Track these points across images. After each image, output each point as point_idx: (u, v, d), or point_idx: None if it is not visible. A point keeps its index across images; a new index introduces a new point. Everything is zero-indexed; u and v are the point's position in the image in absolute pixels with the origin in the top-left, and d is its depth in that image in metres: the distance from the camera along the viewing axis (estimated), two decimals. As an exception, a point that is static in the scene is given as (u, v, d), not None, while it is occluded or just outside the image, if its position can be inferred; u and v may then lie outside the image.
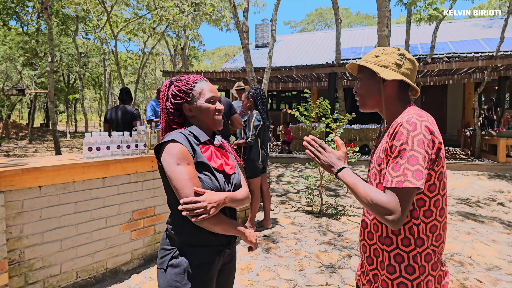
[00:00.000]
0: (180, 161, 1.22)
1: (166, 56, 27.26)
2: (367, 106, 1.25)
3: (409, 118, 1.07)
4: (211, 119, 1.35)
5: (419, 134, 1.04)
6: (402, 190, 1.01)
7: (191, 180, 1.20)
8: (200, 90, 1.35)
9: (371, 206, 1.04)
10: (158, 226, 3.29)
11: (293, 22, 57.40)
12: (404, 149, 1.03)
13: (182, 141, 1.25)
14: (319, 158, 1.21)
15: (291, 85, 13.22)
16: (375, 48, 1.26)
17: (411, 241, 1.10)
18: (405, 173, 1.01)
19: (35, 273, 2.43)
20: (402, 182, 1.01)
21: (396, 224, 1.02)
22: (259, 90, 4.10)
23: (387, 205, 1.02)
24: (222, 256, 1.33)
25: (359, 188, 1.09)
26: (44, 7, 8.04)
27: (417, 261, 1.10)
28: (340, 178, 1.16)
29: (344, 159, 1.22)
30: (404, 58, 1.19)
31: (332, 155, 1.21)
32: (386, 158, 1.11)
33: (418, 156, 1.02)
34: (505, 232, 4.27)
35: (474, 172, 7.70)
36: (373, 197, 1.04)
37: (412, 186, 1.00)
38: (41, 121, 33.19)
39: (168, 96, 1.36)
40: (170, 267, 1.26)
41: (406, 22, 10.06)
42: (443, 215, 1.13)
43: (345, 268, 3.16)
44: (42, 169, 2.42)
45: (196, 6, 11.45)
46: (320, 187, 4.91)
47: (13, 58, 18.74)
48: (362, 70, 1.25)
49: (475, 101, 8.58)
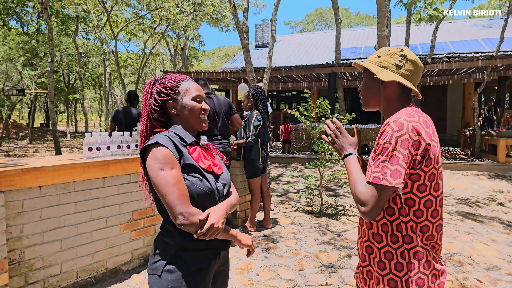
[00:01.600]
0: (163, 165, 1.17)
1: (166, 56, 27.27)
2: (369, 105, 1.29)
3: (397, 118, 1.09)
4: (196, 118, 1.31)
5: (404, 135, 1.06)
6: (378, 186, 1.06)
7: (174, 185, 1.16)
8: (186, 88, 1.32)
9: (353, 195, 1.12)
10: (158, 226, 3.29)
11: (293, 22, 57.37)
12: (386, 147, 1.07)
13: (166, 144, 1.20)
14: (334, 142, 1.27)
15: (291, 85, 13.22)
16: (381, 48, 1.27)
17: (399, 238, 1.12)
18: (384, 171, 1.05)
19: (35, 273, 2.43)
20: (379, 179, 1.05)
21: (367, 216, 1.08)
22: (260, 90, 4.11)
23: (361, 196, 1.08)
24: (217, 259, 1.32)
25: (351, 176, 1.16)
26: (44, 7, 8.04)
27: (405, 258, 1.11)
28: (345, 163, 1.22)
29: (356, 146, 1.26)
30: (405, 59, 1.19)
31: (345, 140, 1.26)
32: (374, 155, 1.15)
33: (399, 156, 1.05)
34: (505, 232, 4.27)
35: (474, 172, 7.70)
36: (355, 187, 1.12)
37: (388, 185, 1.04)
38: (41, 121, 33.19)
39: (152, 93, 1.31)
40: (166, 273, 1.21)
41: (406, 22, 10.06)
42: (436, 216, 1.13)
43: (345, 268, 3.16)
44: (42, 169, 2.43)
45: (197, 6, 11.45)
46: (320, 187, 4.92)
47: (13, 58, 18.74)
48: (366, 70, 1.28)
49: (475, 101, 8.58)
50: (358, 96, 15.08)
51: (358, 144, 1.29)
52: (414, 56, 1.21)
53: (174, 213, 1.15)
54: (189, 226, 1.16)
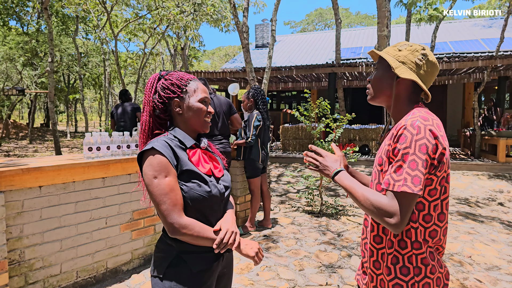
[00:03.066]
0: (157, 173, 1.16)
1: (166, 56, 27.26)
2: (376, 99, 1.22)
3: (413, 121, 1.04)
4: (201, 120, 1.29)
5: (422, 139, 1.01)
6: (400, 194, 1.01)
7: (167, 194, 1.15)
8: (194, 88, 1.28)
9: (371, 209, 1.03)
10: (158, 226, 3.29)
11: (293, 22, 57.38)
12: (407, 153, 1.01)
13: (163, 150, 1.17)
14: (316, 166, 1.21)
15: (291, 85, 13.22)
16: (401, 42, 1.21)
17: (408, 244, 1.09)
18: (405, 177, 1.00)
19: (35, 273, 2.43)
20: (401, 186, 1.00)
21: (397, 227, 1.00)
22: (259, 90, 4.11)
23: (388, 207, 1.00)
24: (220, 261, 1.30)
25: (357, 192, 1.07)
26: (44, 7, 8.05)
27: (412, 262, 1.08)
28: (337, 182, 1.14)
29: (341, 162, 1.21)
30: (425, 59, 1.14)
31: (327, 159, 1.20)
32: (388, 160, 1.09)
33: (418, 162, 1.00)
34: (505, 232, 4.27)
35: (474, 172, 7.70)
36: (373, 200, 1.03)
37: (410, 191, 0.99)
38: (41, 121, 33.19)
39: (156, 88, 1.27)
40: (168, 275, 1.20)
41: (406, 22, 10.06)
42: (443, 220, 1.11)
43: (345, 268, 3.16)
44: (42, 169, 2.43)
45: (197, 6, 11.45)
46: (320, 187, 4.92)
47: (13, 58, 18.73)
48: (380, 61, 1.21)
49: (475, 101, 8.57)
50: (358, 96, 15.09)
51: (343, 158, 1.24)
52: (434, 58, 1.16)
53: (166, 222, 1.15)
54: (178, 236, 1.16)
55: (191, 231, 1.15)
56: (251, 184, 4.06)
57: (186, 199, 1.20)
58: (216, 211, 1.29)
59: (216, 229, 1.21)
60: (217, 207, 1.29)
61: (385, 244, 1.13)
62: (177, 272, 1.20)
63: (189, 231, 1.15)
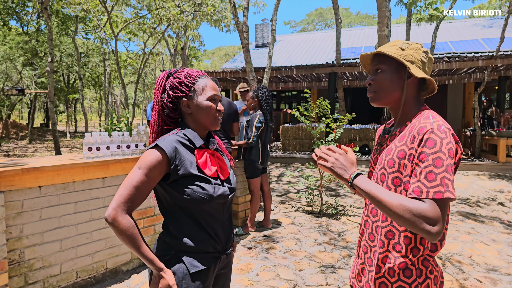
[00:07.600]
0: (144, 167, 1.15)
1: (166, 56, 27.26)
2: (382, 101, 1.15)
3: (439, 125, 1.01)
4: (211, 118, 1.26)
5: (449, 143, 0.99)
6: (442, 200, 0.95)
7: (134, 187, 1.13)
8: (203, 86, 1.25)
9: (407, 217, 0.94)
10: (158, 226, 3.29)
11: (293, 22, 57.42)
12: (439, 157, 0.97)
13: (166, 149, 1.16)
14: (327, 161, 1.08)
15: (291, 85, 13.21)
16: (395, 40, 1.16)
17: (403, 249, 1.08)
18: (444, 182, 0.95)
19: (35, 273, 2.43)
20: (442, 193, 0.95)
21: (438, 235, 0.94)
22: (265, 90, 4.09)
23: (433, 215, 0.93)
24: (218, 262, 1.29)
25: (386, 198, 0.97)
26: (44, 7, 8.04)
27: (414, 264, 1.08)
28: (357, 185, 1.03)
29: (355, 164, 1.12)
30: (428, 57, 1.13)
31: (344, 157, 1.08)
32: (410, 164, 1.03)
33: (448, 166, 0.98)
34: (505, 232, 4.27)
35: (474, 172, 7.69)
36: (412, 207, 0.94)
37: (453, 197, 0.95)
38: (41, 121, 33.21)
39: (165, 87, 1.26)
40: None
41: (406, 22, 10.05)
42: (447, 222, 1.09)
43: (345, 268, 3.16)
44: (42, 169, 2.42)
45: (197, 6, 11.45)
46: (320, 187, 4.91)
47: (13, 58, 18.73)
48: (384, 61, 1.13)
49: (475, 101, 8.57)
50: (358, 96, 15.09)
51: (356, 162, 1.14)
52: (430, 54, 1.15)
53: (109, 206, 1.13)
54: (108, 224, 1.13)
55: (119, 231, 1.11)
56: (251, 185, 4.06)
57: (190, 202, 1.19)
58: (220, 213, 1.28)
59: (147, 249, 1.15)
60: (221, 209, 1.28)
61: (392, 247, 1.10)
62: (174, 272, 1.20)
63: (117, 229, 1.11)
